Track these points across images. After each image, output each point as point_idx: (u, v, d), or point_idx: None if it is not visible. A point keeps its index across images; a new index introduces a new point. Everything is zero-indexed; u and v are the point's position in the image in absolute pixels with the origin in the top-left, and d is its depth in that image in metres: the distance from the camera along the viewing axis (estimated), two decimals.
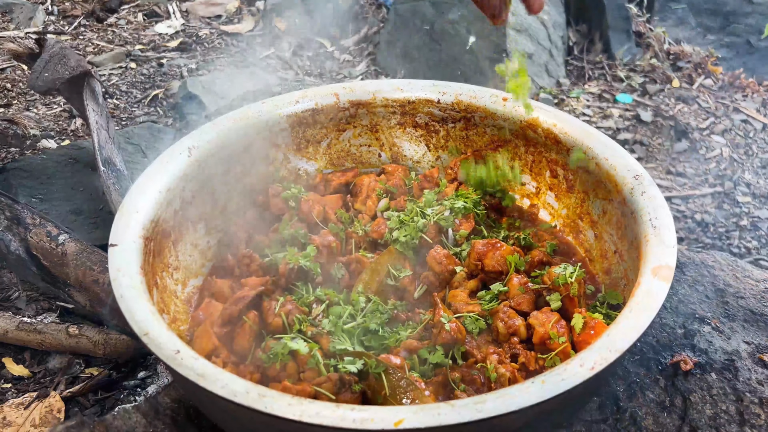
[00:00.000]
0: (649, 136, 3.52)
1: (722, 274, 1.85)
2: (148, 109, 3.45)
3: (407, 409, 1.11)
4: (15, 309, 2.48)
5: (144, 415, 1.45)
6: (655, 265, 1.37)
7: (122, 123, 3.35)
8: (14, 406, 2.12)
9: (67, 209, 2.76)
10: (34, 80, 2.75)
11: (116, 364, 2.29)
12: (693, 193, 3.16)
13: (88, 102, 2.83)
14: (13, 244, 2.44)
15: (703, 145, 3.48)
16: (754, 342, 1.67)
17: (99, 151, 2.69)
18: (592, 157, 1.74)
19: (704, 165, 3.36)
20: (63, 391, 2.19)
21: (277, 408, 1.10)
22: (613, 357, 1.18)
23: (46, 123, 3.31)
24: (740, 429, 1.50)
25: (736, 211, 3.08)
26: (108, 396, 2.21)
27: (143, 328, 1.25)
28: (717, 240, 2.91)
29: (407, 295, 1.70)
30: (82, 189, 2.85)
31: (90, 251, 2.37)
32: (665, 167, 3.34)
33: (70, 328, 2.30)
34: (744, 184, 3.24)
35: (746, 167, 3.36)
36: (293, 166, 2.05)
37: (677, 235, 2.77)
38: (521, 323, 1.52)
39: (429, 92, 2.02)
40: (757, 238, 2.93)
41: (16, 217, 2.48)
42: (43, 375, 2.26)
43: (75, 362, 2.30)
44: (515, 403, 1.11)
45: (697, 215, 3.03)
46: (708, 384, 1.57)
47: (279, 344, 1.45)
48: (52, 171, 2.91)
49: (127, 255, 1.44)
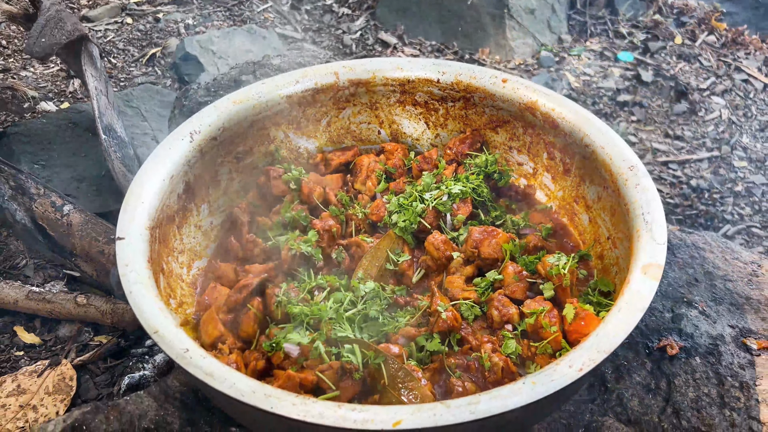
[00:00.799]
0: (649, 97, 3.51)
1: (712, 257, 1.90)
2: (146, 69, 3.42)
3: (405, 410, 1.17)
4: (23, 277, 2.54)
5: (155, 399, 1.53)
6: (646, 263, 1.41)
7: (120, 84, 3.34)
8: (28, 373, 2.21)
9: (69, 176, 2.79)
10: (31, 46, 2.73)
11: (124, 332, 2.37)
12: (690, 157, 3.18)
13: (86, 67, 2.82)
14: (19, 213, 2.48)
15: (702, 107, 3.48)
16: (738, 326, 1.73)
17: (99, 119, 2.70)
18: (588, 144, 1.76)
19: (702, 128, 3.37)
20: (74, 359, 2.28)
21: (282, 408, 1.17)
22: (601, 358, 1.24)
23: (44, 83, 3.30)
24: (720, 411, 1.58)
25: (732, 176, 3.11)
26: (117, 363, 2.29)
27: (153, 325, 1.31)
28: (711, 206, 2.95)
29: (406, 278, 1.75)
30: (84, 155, 2.87)
31: (95, 222, 2.42)
32: (663, 130, 3.35)
33: (78, 297, 2.37)
34: (741, 148, 3.26)
35: (744, 130, 3.37)
36: (294, 144, 2.07)
37: (672, 201, 2.83)
38: (515, 311, 1.58)
39: (429, 71, 2.02)
40: (750, 205, 2.97)
41: (20, 186, 2.51)
42: (54, 343, 2.34)
43: (84, 330, 2.38)
44: (507, 404, 1.17)
45: (693, 181, 3.07)
46: (692, 368, 1.64)
47: (282, 333, 1.51)
48: (53, 136, 2.93)
49: (134, 248, 1.48)
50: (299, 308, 1.55)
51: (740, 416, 1.56)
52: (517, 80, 1.94)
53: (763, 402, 1.58)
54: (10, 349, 2.32)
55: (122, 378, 2.24)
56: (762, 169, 3.15)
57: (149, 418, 1.50)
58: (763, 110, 3.52)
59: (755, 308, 1.78)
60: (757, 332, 1.72)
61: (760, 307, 1.78)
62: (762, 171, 3.14)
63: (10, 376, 2.19)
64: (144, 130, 3.03)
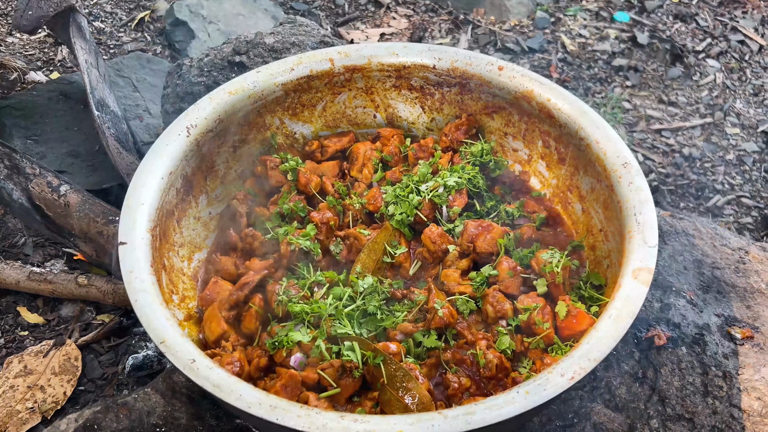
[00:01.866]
0: (644, 61, 3.49)
1: (701, 243, 1.95)
2: (135, 35, 3.36)
3: (405, 421, 1.23)
4: (23, 255, 2.57)
5: (162, 395, 1.59)
6: (636, 266, 1.45)
7: (110, 51, 3.28)
8: (34, 354, 2.27)
9: (63, 151, 2.78)
10: (18, 20, 2.68)
11: (126, 311, 2.42)
12: (683, 125, 3.19)
13: (75, 40, 2.77)
14: (15, 193, 2.49)
15: (697, 71, 3.47)
16: (724, 314, 1.79)
17: (91, 94, 2.68)
18: (583, 137, 1.78)
19: (697, 93, 3.37)
20: (77, 338, 2.33)
21: (287, 420, 1.23)
22: (591, 366, 1.29)
23: (31, 50, 3.24)
24: (703, 399, 1.66)
25: (724, 143, 3.13)
26: (121, 342, 2.35)
27: (160, 335, 1.35)
28: (702, 176, 2.99)
29: (403, 270, 1.79)
30: (77, 129, 2.86)
31: (92, 202, 2.43)
32: (658, 96, 3.34)
33: (79, 278, 2.41)
34: (734, 114, 3.27)
35: (738, 94, 3.38)
36: (289, 130, 2.07)
37: (664, 170, 2.86)
38: (509, 307, 1.63)
39: (425, 57, 2.01)
40: (741, 174, 3.01)
41: (15, 166, 2.51)
42: (57, 322, 2.40)
43: (86, 309, 2.42)
44: (502, 413, 1.23)
45: (686, 149, 3.09)
46: (678, 357, 1.71)
47: (283, 331, 1.56)
48: (45, 109, 2.91)
49: (137, 254, 1.51)
50: (300, 306, 1.59)
51: (722, 404, 1.64)
52: (513, 68, 1.93)
53: (744, 391, 1.65)
54: (15, 329, 2.37)
55: (126, 357, 2.31)
56: (754, 136, 3.18)
57: (157, 414, 1.56)
58: (758, 73, 3.51)
59: (741, 296, 1.83)
60: (742, 320, 1.78)
61: (746, 295, 1.84)
62: (754, 138, 3.16)
63: (17, 357, 2.25)
64: (136, 101, 3.01)
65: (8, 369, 2.21)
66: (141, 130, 2.88)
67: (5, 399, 2.12)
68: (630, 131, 3.13)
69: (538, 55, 3.49)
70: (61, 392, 2.18)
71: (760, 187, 2.94)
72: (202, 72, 2.32)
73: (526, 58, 3.49)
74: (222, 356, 1.56)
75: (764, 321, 1.78)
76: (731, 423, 1.62)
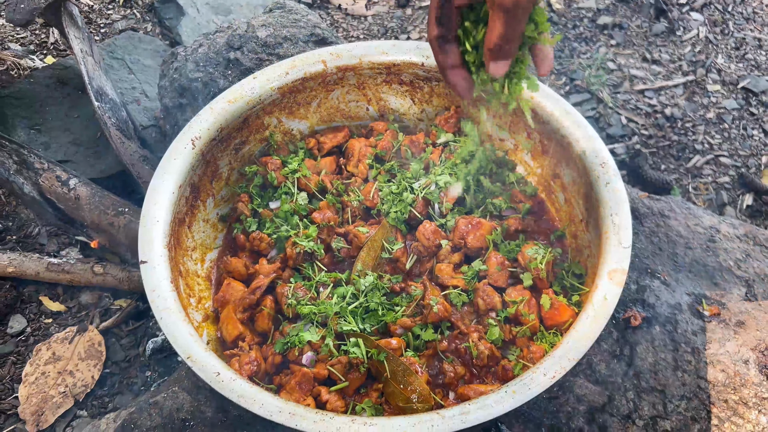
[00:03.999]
0: (629, 17, 3.54)
1: (675, 224, 2.10)
2: (125, 12, 3.38)
3: (407, 422, 1.41)
4: (38, 245, 2.71)
5: (188, 393, 1.76)
6: (612, 268, 1.61)
7: (101, 31, 3.31)
8: (60, 341, 2.44)
9: (66, 140, 2.87)
10: (11, 13, 2.71)
11: (142, 295, 2.58)
12: (666, 84, 3.28)
13: (68, 29, 2.82)
14: (26, 187, 2.60)
15: (681, 25, 3.53)
16: (694, 292, 1.96)
17: (90, 84, 2.75)
18: (564, 135, 1.89)
19: (680, 49, 3.44)
20: (98, 324, 2.50)
21: (305, 425, 1.41)
22: (571, 365, 1.47)
23: (24, 33, 3.27)
24: (674, 373, 1.85)
25: (705, 102, 3.23)
26: (139, 325, 2.53)
27: (186, 351, 1.51)
28: (683, 136, 3.10)
29: (400, 264, 1.94)
30: (77, 116, 2.94)
31: (101, 195, 2.55)
32: (641, 53, 3.42)
33: (95, 267, 2.56)
34: (716, 70, 3.36)
35: (720, 49, 3.45)
36: (286, 127, 2.17)
37: (646, 132, 2.97)
38: (498, 300, 1.79)
39: (413, 55, 2.09)
40: (720, 132, 3.12)
41: (23, 161, 2.61)
42: (78, 309, 2.56)
43: (104, 296, 2.58)
44: (492, 412, 1.41)
45: (668, 109, 3.19)
46: (652, 336, 1.89)
47: (294, 331, 1.73)
48: (44, 97, 2.97)
49: (158, 272, 1.65)
50: (308, 308, 1.75)
51: (690, 377, 1.83)
52: None
53: (710, 364, 1.84)
54: (39, 318, 2.53)
55: (145, 339, 2.49)
56: (734, 92, 3.27)
57: (185, 410, 1.74)
58: (740, 25, 3.57)
59: (710, 275, 2.00)
60: (711, 298, 1.95)
61: (715, 273, 2.00)
62: (734, 95, 3.26)
63: (45, 344, 2.42)
64: (132, 84, 3.07)
65: (38, 356, 2.39)
66: (139, 113, 2.96)
67: (39, 385, 2.31)
68: (614, 93, 3.23)
69: None
70: (89, 376, 2.37)
71: (738, 146, 3.07)
72: (198, 67, 2.39)
73: None
74: (240, 356, 1.73)
75: (731, 297, 1.95)
76: (698, 393, 1.82)
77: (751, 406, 1.79)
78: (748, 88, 3.28)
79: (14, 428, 2.24)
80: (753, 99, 3.23)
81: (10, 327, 2.50)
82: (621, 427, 1.83)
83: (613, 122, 3.10)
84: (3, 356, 2.42)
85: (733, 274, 2.01)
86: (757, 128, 3.12)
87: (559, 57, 3.35)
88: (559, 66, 3.32)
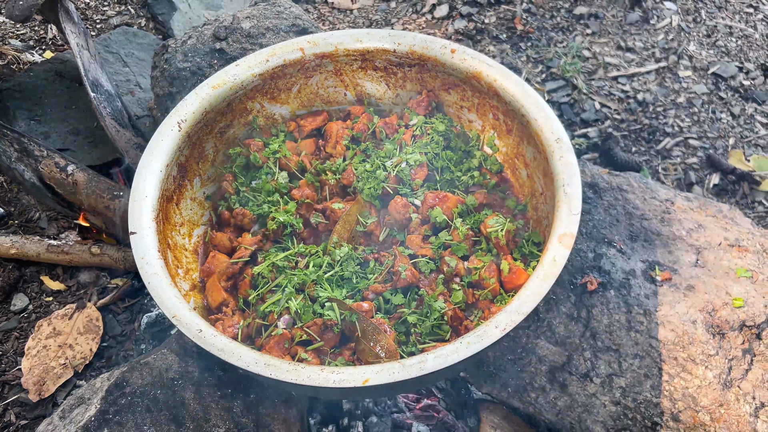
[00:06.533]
0: (605, 7, 3.68)
1: (633, 197, 2.24)
2: (119, 8, 3.53)
3: (371, 370, 1.56)
4: (39, 229, 2.86)
5: (176, 354, 1.91)
6: (562, 232, 1.75)
7: (97, 27, 3.46)
8: (60, 317, 2.59)
9: (65, 130, 3.03)
10: (10, 10, 2.86)
11: (136, 274, 2.73)
12: (639, 70, 3.42)
13: (65, 24, 2.97)
14: (27, 173, 2.76)
15: (655, 14, 3.66)
16: (648, 260, 2.11)
17: (86, 76, 2.90)
18: (524, 114, 2.04)
19: (653, 37, 3.58)
20: (96, 301, 2.66)
21: (279, 374, 1.55)
22: (520, 319, 1.61)
23: (23, 29, 3.42)
24: (627, 333, 1.99)
25: (676, 87, 3.37)
26: (135, 302, 2.68)
27: (171, 312, 1.66)
28: (654, 120, 3.24)
29: (374, 236, 2.09)
30: (75, 107, 3.09)
31: (97, 180, 2.70)
32: (616, 42, 3.55)
33: (93, 248, 2.71)
34: (687, 57, 3.49)
35: (692, 37, 3.58)
36: (269, 112, 2.32)
37: (619, 116, 3.11)
38: (462, 266, 1.94)
39: (386, 43, 2.24)
40: (690, 116, 3.26)
41: (24, 149, 2.76)
42: (77, 288, 2.71)
43: (101, 275, 2.74)
44: (448, 360, 1.56)
45: (640, 95, 3.33)
46: (607, 300, 2.03)
47: (274, 297, 1.87)
48: (43, 89, 3.12)
49: (146, 242, 1.80)
50: (287, 276, 1.90)
51: (642, 336, 1.98)
52: (464, 51, 2.17)
53: (661, 324, 1.98)
54: (40, 296, 2.68)
55: (141, 315, 2.64)
56: (704, 78, 3.41)
57: (174, 369, 1.89)
58: (712, 13, 3.70)
59: (664, 243, 2.14)
60: (664, 264, 2.10)
61: (668, 242, 2.15)
62: (704, 80, 3.40)
63: (46, 320, 2.58)
64: (126, 77, 3.22)
65: (39, 331, 2.54)
66: (134, 104, 3.11)
67: (41, 357, 2.46)
68: (589, 79, 3.37)
69: (504, 7, 3.67)
70: (88, 349, 2.52)
71: (707, 128, 3.20)
72: (186, 57, 2.54)
73: (492, 10, 3.67)
74: (224, 320, 1.88)
75: (682, 264, 2.10)
76: (650, 351, 1.96)
77: (698, 362, 1.93)
78: (717, 74, 3.42)
79: (18, 397, 2.40)
80: (722, 84, 3.37)
81: (13, 305, 2.65)
82: (580, 385, 1.97)
83: (587, 107, 3.24)
84: (7, 332, 2.58)
85: (685, 242, 2.15)
86: (726, 112, 3.25)
87: (536, 46, 3.49)
88: (537, 55, 3.46)
